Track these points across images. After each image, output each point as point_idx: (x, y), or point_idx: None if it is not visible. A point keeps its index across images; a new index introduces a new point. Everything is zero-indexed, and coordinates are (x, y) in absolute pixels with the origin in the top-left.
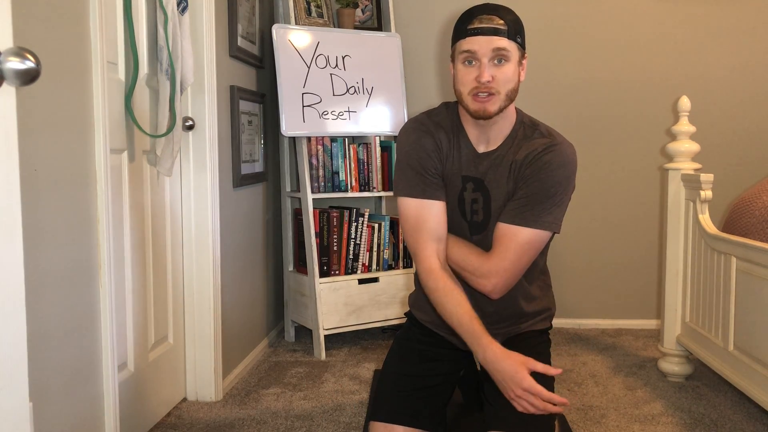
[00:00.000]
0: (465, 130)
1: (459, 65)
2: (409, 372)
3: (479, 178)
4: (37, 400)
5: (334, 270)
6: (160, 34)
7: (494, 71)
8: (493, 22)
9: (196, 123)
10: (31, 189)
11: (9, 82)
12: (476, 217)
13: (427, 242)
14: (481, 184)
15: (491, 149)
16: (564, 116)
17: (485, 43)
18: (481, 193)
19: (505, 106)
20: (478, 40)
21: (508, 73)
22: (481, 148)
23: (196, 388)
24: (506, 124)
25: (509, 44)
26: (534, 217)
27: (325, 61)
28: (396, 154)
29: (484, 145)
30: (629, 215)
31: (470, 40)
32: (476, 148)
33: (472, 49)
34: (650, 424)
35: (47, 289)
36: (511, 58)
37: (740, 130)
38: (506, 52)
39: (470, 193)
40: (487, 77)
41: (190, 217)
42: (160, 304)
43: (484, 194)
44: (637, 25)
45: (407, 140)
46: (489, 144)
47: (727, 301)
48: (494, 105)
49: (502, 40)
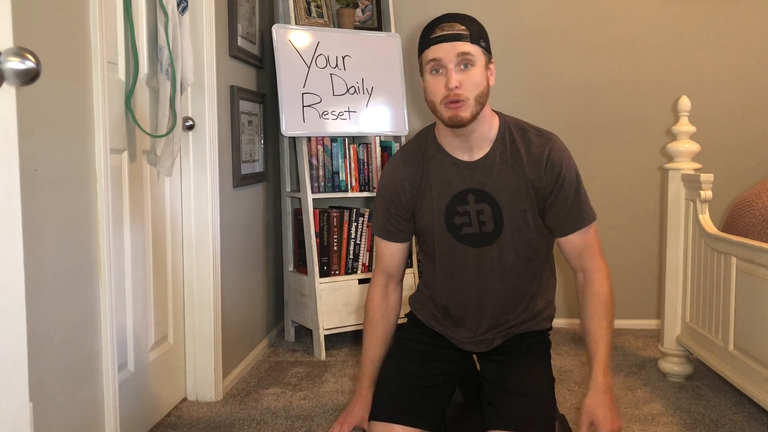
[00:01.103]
0: (443, 146)
1: (427, 76)
2: (409, 372)
3: (479, 189)
4: (37, 400)
5: (334, 270)
6: (160, 34)
7: (461, 77)
8: (454, 28)
9: (196, 123)
10: (31, 189)
11: (9, 82)
12: (485, 228)
13: (378, 273)
14: (485, 195)
15: (479, 157)
16: (564, 117)
17: (449, 49)
18: (487, 203)
19: (477, 111)
20: (442, 47)
21: (475, 78)
22: (465, 158)
23: (196, 388)
24: (487, 129)
25: (473, 48)
26: (584, 214)
27: (325, 61)
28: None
29: (468, 155)
30: (629, 215)
31: (434, 49)
32: (461, 159)
33: (437, 57)
34: (650, 424)
35: (47, 289)
36: (477, 62)
37: (740, 130)
38: (471, 56)
39: (474, 204)
40: (454, 83)
41: (190, 217)
42: (160, 304)
43: (491, 204)
44: (637, 25)
45: (382, 179)
46: (473, 152)
47: (727, 301)
48: (466, 111)
49: (466, 45)
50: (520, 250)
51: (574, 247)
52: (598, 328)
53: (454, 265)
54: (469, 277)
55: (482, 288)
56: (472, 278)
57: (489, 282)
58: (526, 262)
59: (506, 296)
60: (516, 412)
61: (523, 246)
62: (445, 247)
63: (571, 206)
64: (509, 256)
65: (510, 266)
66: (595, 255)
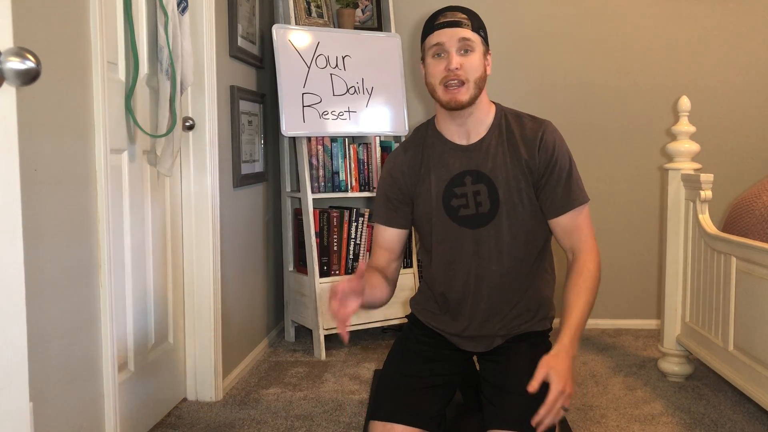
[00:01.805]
0: (441, 132)
1: (429, 60)
2: (409, 372)
3: (477, 170)
4: (37, 400)
5: (334, 270)
6: (160, 34)
7: (461, 60)
8: (456, 16)
9: (196, 123)
10: (31, 189)
11: (9, 82)
12: (482, 209)
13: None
14: (481, 176)
15: (476, 140)
16: (564, 117)
17: (452, 34)
18: (484, 183)
19: (476, 95)
20: (445, 32)
21: (475, 63)
22: (463, 142)
23: (196, 388)
24: (484, 115)
25: (473, 35)
26: (575, 194)
27: (325, 61)
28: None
29: (465, 139)
30: (629, 215)
31: (437, 34)
32: (459, 144)
33: (440, 41)
34: (650, 424)
35: (47, 289)
36: (476, 49)
37: (740, 130)
38: (471, 42)
39: (471, 186)
40: (455, 64)
41: (190, 217)
42: (160, 304)
43: (487, 184)
44: (637, 25)
45: (383, 168)
46: (470, 136)
47: (727, 301)
48: (465, 95)
49: (467, 31)
50: (516, 231)
51: (564, 228)
52: (576, 299)
53: (452, 249)
54: (466, 259)
55: (479, 272)
56: (470, 260)
57: (486, 265)
58: (523, 246)
59: (504, 281)
60: (516, 412)
61: (519, 227)
62: (444, 230)
63: (564, 187)
64: (506, 237)
65: (507, 248)
66: (586, 237)
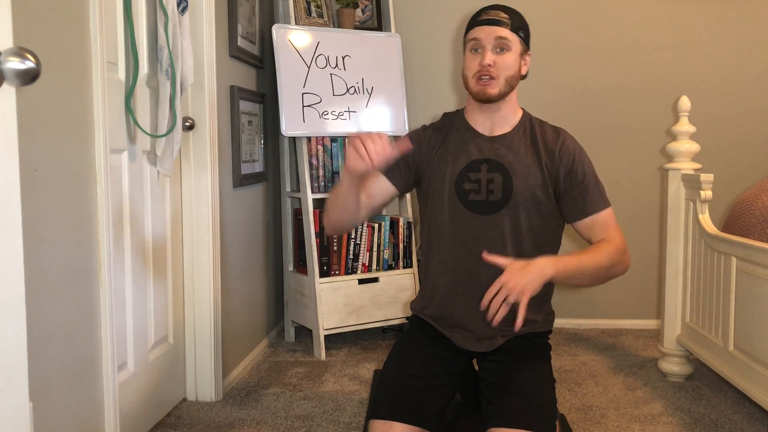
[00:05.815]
0: (468, 121)
1: (467, 53)
2: (409, 371)
3: (495, 160)
4: (37, 400)
5: (334, 270)
6: (160, 34)
7: (495, 57)
8: (497, 15)
9: (196, 123)
10: (31, 189)
11: (9, 82)
12: (492, 197)
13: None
14: (498, 165)
15: (501, 134)
16: (564, 117)
17: (489, 32)
18: (500, 173)
19: (506, 91)
20: (483, 29)
21: (509, 61)
22: (486, 133)
23: (196, 388)
24: (511, 113)
25: (510, 35)
26: (599, 198)
27: (325, 61)
28: None
29: (490, 131)
30: (629, 215)
31: (476, 30)
32: (482, 134)
33: (477, 37)
34: (650, 424)
35: (47, 289)
36: (512, 48)
37: (740, 130)
38: (507, 41)
39: (485, 173)
40: (488, 61)
41: (190, 217)
42: (160, 304)
43: (503, 174)
44: (637, 25)
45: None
46: (495, 130)
47: (727, 301)
48: (494, 89)
49: (504, 31)
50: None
51: (587, 227)
52: (586, 252)
53: (457, 231)
54: (470, 243)
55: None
56: (474, 245)
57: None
58: (528, 243)
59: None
60: (516, 410)
61: (526, 223)
62: (451, 211)
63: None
64: (512, 229)
65: (510, 240)
66: (613, 232)
